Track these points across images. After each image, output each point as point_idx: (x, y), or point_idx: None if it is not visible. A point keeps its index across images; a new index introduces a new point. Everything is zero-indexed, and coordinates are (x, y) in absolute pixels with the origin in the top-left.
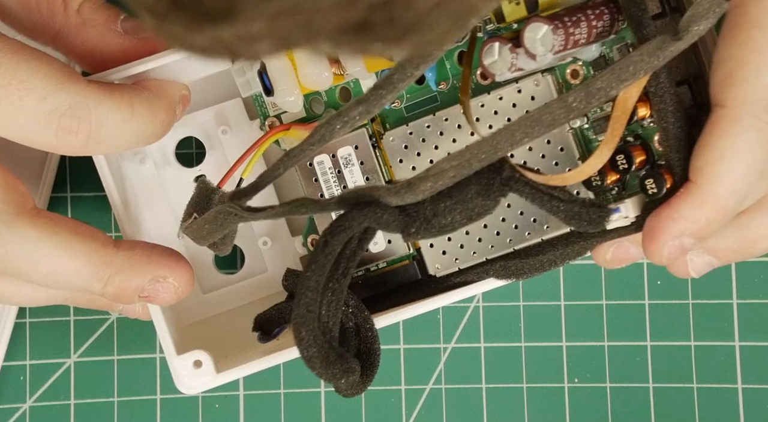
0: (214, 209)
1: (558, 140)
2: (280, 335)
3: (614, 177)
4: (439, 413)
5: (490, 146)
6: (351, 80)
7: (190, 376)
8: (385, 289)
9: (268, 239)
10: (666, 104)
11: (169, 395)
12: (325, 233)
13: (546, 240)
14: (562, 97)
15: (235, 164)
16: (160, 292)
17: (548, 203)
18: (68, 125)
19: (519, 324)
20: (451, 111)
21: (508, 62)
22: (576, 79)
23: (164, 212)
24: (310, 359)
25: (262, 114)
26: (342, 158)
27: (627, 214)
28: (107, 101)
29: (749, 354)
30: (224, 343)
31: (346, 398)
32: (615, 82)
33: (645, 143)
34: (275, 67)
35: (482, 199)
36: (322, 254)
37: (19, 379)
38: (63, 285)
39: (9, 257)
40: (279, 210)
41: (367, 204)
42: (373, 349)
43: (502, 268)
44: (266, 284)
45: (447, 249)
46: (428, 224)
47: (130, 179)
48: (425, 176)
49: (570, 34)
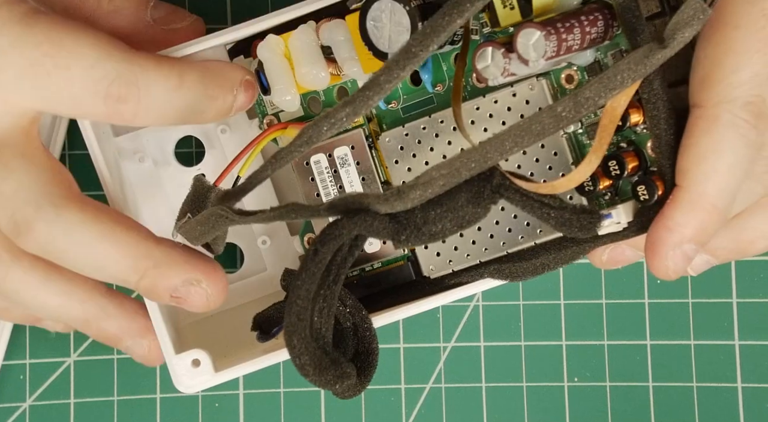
0: (206, 211)
1: (552, 144)
2: (279, 334)
3: (607, 183)
4: (439, 412)
5: (479, 155)
6: (348, 80)
7: (188, 375)
8: (380, 289)
9: (267, 238)
10: (659, 111)
11: (169, 394)
12: (315, 242)
13: (539, 244)
14: (552, 107)
15: (232, 162)
16: (191, 295)
17: (539, 210)
18: (117, 92)
19: (519, 323)
20: (446, 113)
21: (501, 67)
22: (571, 84)
23: (163, 211)
24: (302, 366)
25: (261, 112)
26: (338, 157)
27: (619, 220)
28: (154, 70)
29: (749, 352)
30: (223, 342)
31: (343, 399)
32: (603, 92)
33: (638, 149)
34: (272, 67)
35: (473, 207)
36: (312, 263)
37: (19, 378)
38: (101, 272)
39: (53, 239)
40: (270, 214)
41: (357, 211)
42: (371, 349)
43: (496, 270)
44: (265, 284)
45: (441, 251)
46: (419, 232)
47: (129, 178)
48: (415, 184)
49: (563, 40)
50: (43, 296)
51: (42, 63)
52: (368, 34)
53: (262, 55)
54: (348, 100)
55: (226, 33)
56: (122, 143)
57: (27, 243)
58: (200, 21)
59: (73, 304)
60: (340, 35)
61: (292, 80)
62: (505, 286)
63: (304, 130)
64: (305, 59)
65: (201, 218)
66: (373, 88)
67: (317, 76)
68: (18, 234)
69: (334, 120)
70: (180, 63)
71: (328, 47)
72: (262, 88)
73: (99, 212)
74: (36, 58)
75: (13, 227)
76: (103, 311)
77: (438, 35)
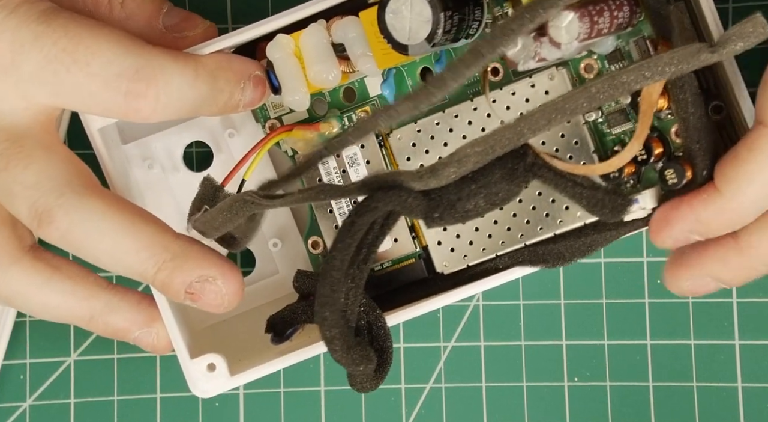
0: (229, 198)
1: (574, 133)
2: (292, 336)
3: (631, 169)
4: (439, 412)
5: (513, 132)
6: (356, 80)
7: (204, 379)
8: (390, 288)
9: (278, 240)
10: (686, 94)
11: (169, 394)
12: (351, 214)
13: (558, 235)
14: (586, 87)
15: (238, 164)
16: (206, 292)
17: (571, 190)
18: (136, 88)
19: (519, 323)
20: (461, 108)
21: (532, 51)
22: (590, 74)
23: (174, 216)
24: (332, 340)
25: (263, 116)
26: (347, 157)
27: (644, 205)
28: (171, 65)
29: (749, 352)
30: (237, 346)
31: (360, 392)
32: (641, 78)
33: (662, 135)
34: (283, 66)
35: (507, 184)
36: (348, 235)
37: (19, 378)
38: (119, 264)
39: (74, 227)
40: (298, 196)
41: (390, 188)
42: (385, 347)
43: (532, 254)
44: (278, 286)
45: (455, 246)
46: (452, 209)
47: (139, 185)
48: (449, 161)
49: (594, 22)
50: (45, 296)
51: (61, 59)
52: (387, 27)
53: (273, 55)
54: (410, 95)
55: (232, 36)
56: (130, 150)
57: (48, 232)
58: (213, 28)
59: (77, 302)
60: (353, 32)
61: (303, 79)
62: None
63: (360, 120)
64: (317, 57)
65: (224, 205)
66: (437, 84)
67: (330, 74)
68: (39, 223)
69: (393, 113)
70: (194, 57)
71: (338, 45)
72: (272, 87)
73: (119, 203)
74: (55, 55)
75: (34, 215)
76: (108, 305)
77: (508, 38)
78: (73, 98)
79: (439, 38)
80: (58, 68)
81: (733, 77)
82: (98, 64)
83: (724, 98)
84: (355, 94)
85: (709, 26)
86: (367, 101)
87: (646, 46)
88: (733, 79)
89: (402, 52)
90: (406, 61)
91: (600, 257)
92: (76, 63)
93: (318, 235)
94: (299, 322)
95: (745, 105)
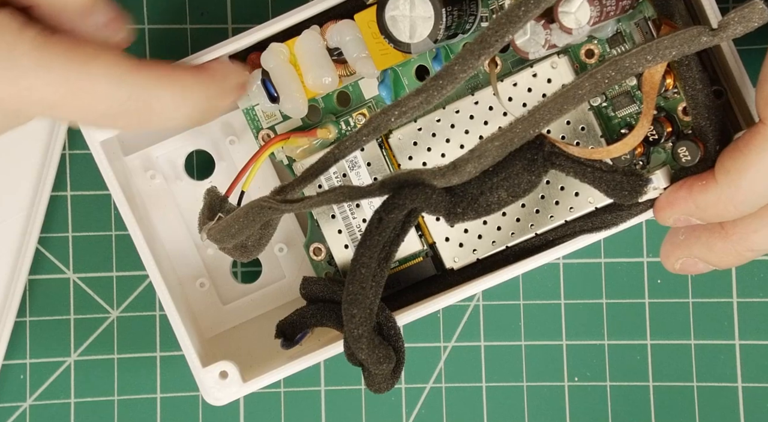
0: (245, 205)
1: (580, 119)
2: (302, 340)
3: (641, 150)
4: (440, 412)
5: (529, 123)
6: (350, 84)
7: (216, 387)
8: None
9: (284, 245)
10: (692, 71)
11: (169, 394)
12: (379, 211)
13: (570, 221)
14: (591, 73)
15: (238, 175)
16: None
17: (590, 175)
18: (128, 110)
19: (519, 323)
20: (462, 103)
21: (542, 39)
22: (591, 59)
23: (178, 226)
24: (359, 338)
25: (255, 128)
26: (348, 160)
27: (658, 185)
28: (159, 90)
29: (749, 352)
30: (248, 352)
31: (377, 393)
32: (644, 62)
33: (669, 114)
34: (280, 74)
35: (527, 174)
36: (376, 231)
37: (19, 378)
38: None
39: None
40: (317, 199)
41: (415, 185)
42: (398, 347)
43: (542, 242)
44: (285, 291)
45: (464, 242)
46: (475, 204)
47: (142, 196)
48: (469, 157)
49: (603, 5)
50: None
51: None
52: (387, 27)
53: (267, 64)
54: (420, 89)
55: (224, 45)
56: (132, 161)
57: None
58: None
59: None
60: (349, 35)
61: (300, 85)
62: (505, 285)
63: (372, 118)
64: (314, 63)
65: (240, 213)
66: (446, 77)
67: (328, 79)
68: None
69: (405, 108)
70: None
71: (334, 49)
72: (270, 97)
73: None
74: (54, 81)
75: None
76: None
77: (515, 25)
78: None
79: (442, 34)
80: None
81: (733, 62)
82: (91, 95)
83: (723, 84)
84: (350, 98)
85: (705, 12)
86: (363, 104)
87: (648, 28)
88: (732, 64)
89: (404, 50)
90: (403, 60)
91: (600, 257)
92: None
93: (319, 242)
94: (309, 326)
95: (747, 90)
